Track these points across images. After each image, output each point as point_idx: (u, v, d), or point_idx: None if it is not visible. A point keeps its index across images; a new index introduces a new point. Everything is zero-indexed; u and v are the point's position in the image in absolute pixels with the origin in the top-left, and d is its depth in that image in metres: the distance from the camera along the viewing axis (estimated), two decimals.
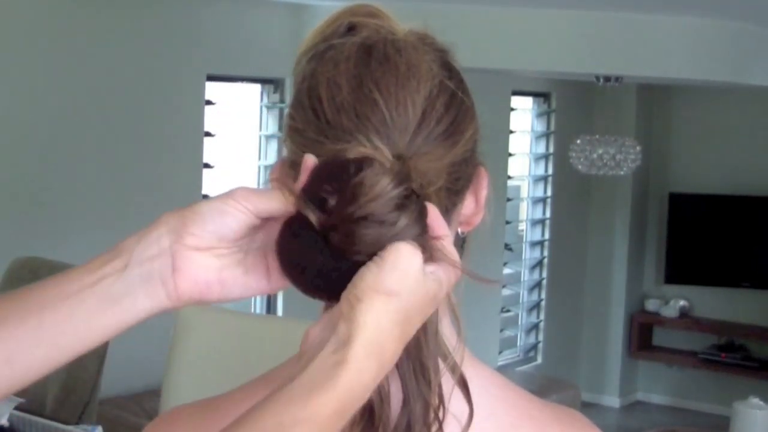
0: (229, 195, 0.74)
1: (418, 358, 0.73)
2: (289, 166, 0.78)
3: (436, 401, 0.74)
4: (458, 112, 0.79)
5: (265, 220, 0.75)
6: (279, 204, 0.73)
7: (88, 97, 4.00)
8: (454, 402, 0.75)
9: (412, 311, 0.68)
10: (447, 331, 0.79)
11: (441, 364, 0.75)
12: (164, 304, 0.75)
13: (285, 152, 0.80)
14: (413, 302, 0.68)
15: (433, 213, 0.72)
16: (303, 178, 0.72)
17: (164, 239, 0.73)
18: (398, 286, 0.67)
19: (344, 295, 0.68)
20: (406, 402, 0.73)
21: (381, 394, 0.72)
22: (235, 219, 0.73)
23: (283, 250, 0.72)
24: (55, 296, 0.72)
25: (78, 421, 3.00)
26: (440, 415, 0.74)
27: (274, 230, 0.73)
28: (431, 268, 0.71)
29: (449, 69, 0.80)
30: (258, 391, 0.82)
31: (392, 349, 0.67)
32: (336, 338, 0.66)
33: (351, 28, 0.81)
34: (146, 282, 0.73)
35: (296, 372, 0.66)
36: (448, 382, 0.76)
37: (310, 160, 0.73)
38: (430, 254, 0.71)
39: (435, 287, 0.70)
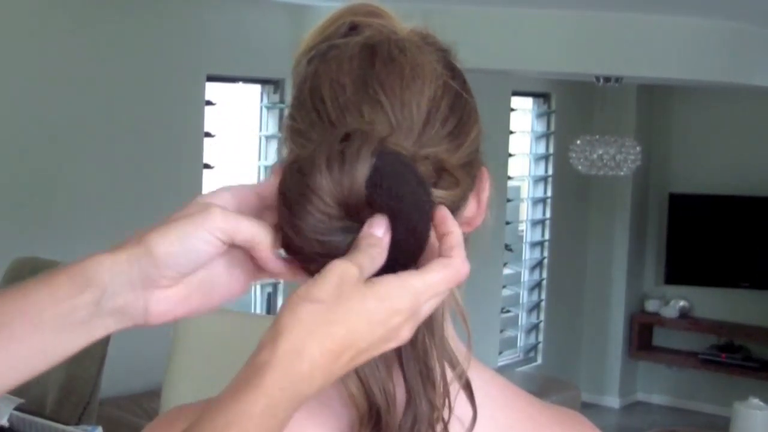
0: (202, 224, 0.71)
1: (424, 361, 0.73)
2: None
3: (441, 403, 0.74)
4: (463, 113, 0.78)
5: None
6: (254, 237, 0.72)
7: (88, 98, 4.00)
8: (458, 403, 0.75)
9: (347, 318, 0.67)
10: (451, 333, 0.79)
11: (447, 372, 0.75)
12: (131, 328, 0.76)
13: (284, 153, 0.80)
14: (346, 309, 0.67)
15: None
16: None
17: (137, 284, 0.72)
18: (326, 294, 0.67)
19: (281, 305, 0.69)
20: (410, 403, 0.73)
21: (387, 397, 0.72)
22: (207, 253, 0.72)
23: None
24: (20, 329, 0.72)
25: (78, 422, 3.00)
26: (445, 416, 0.74)
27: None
28: (398, 277, 0.69)
29: (452, 69, 0.80)
30: None
31: (319, 353, 0.66)
32: (263, 342, 0.67)
33: (353, 28, 0.80)
34: (119, 316, 0.73)
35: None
36: (451, 385, 0.75)
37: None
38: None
39: (379, 296, 0.68)
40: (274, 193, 0.72)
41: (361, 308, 0.67)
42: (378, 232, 0.70)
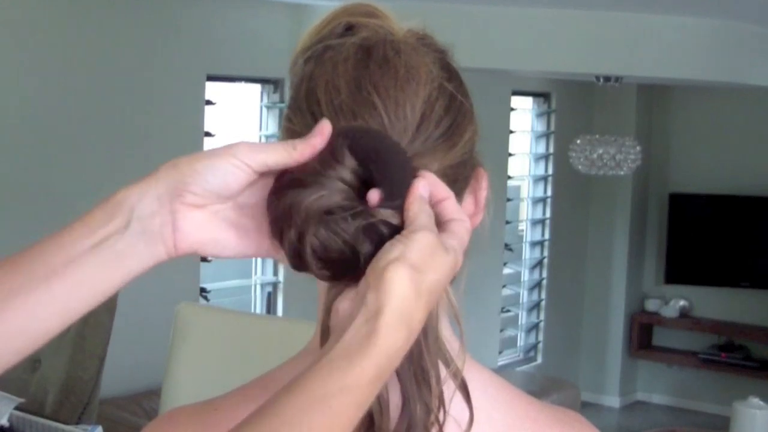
0: (230, 152, 0.73)
1: (419, 363, 0.73)
2: None
3: (437, 405, 0.73)
4: (457, 114, 0.78)
5: (261, 176, 0.75)
6: (283, 156, 0.73)
7: (88, 97, 4.00)
8: (454, 405, 0.75)
9: (434, 282, 0.69)
10: (447, 333, 0.78)
11: (442, 371, 0.75)
12: (162, 258, 0.76)
13: None
14: (435, 274, 0.69)
15: (430, 179, 0.73)
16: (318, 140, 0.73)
17: (164, 198, 0.74)
18: (421, 260, 0.68)
19: (370, 268, 0.69)
20: (405, 406, 0.73)
21: (380, 402, 0.72)
22: (235, 177, 0.73)
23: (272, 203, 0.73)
24: (60, 263, 0.73)
25: (78, 421, 3.00)
26: (440, 418, 0.73)
27: (268, 187, 0.74)
28: (444, 238, 0.72)
29: (448, 70, 0.80)
30: (257, 392, 0.81)
31: (418, 318, 0.69)
32: (366, 309, 0.67)
33: (349, 28, 0.80)
34: (148, 239, 0.74)
35: (330, 345, 0.68)
36: (448, 385, 0.75)
37: (327, 126, 0.73)
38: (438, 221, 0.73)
39: (451, 258, 0.71)
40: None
41: (444, 279, 0.70)
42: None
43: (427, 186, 0.73)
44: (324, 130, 0.73)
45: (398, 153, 0.73)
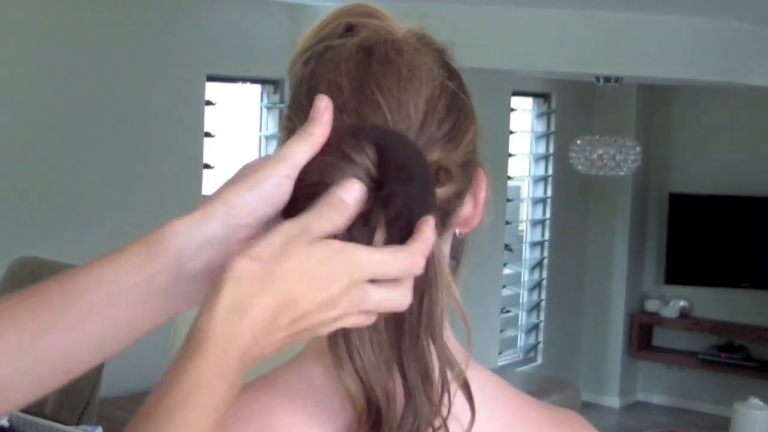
0: (266, 173, 0.71)
1: (423, 360, 0.73)
2: None
3: (440, 401, 0.74)
4: (460, 113, 0.79)
5: None
6: (308, 147, 0.72)
7: (88, 98, 4.00)
8: (457, 403, 0.75)
9: (287, 273, 0.67)
10: (448, 333, 0.78)
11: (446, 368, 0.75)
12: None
13: None
14: (287, 265, 0.67)
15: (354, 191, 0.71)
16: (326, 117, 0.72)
17: (215, 240, 0.71)
18: (265, 253, 0.67)
19: None
20: (410, 402, 0.73)
21: (387, 396, 0.72)
22: (279, 194, 0.72)
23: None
24: (101, 301, 0.71)
25: (78, 422, 3.00)
26: (443, 413, 0.74)
27: None
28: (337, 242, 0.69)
29: (449, 69, 0.80)
30: (257, 394, 0.81)
31: (262, 307, 0.66)
32: (203, 304, 0.67)
33: (349, 29, 0.80)
34: (201, 276, 0.72)
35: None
36: (451, 384, 0.75)
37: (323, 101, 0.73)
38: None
39: (324, 251, 0.68)
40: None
41: (301, 267, 0.67)
42: (345, 195, 0.69)
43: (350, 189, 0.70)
44: (322, 104, 0.72)
45: (423, 172, 0.72)
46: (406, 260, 0.69)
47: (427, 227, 0.70)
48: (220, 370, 0.66)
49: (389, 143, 0.71)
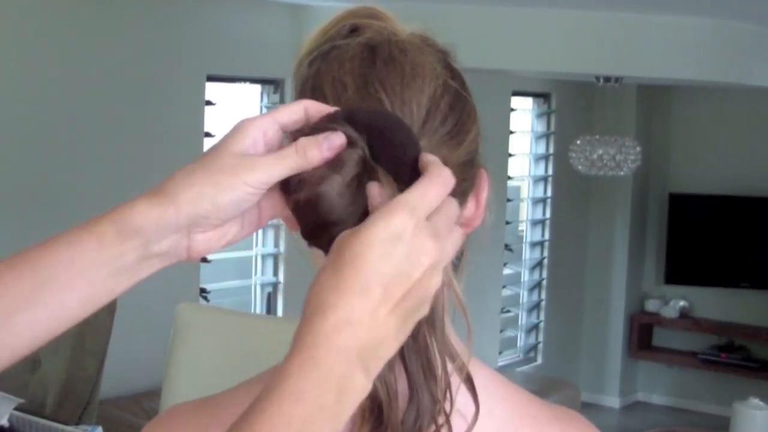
0: (243, 179, 0.73)
1: (425, 355, 0.74)
2: None
3: (443, 395, 0.74)
4: (462, 112, 0.79)
5: None
6: (295, 168, 0.73)
7: (88, 97, 4.00)
8: (459, 398, 0.76)
9: (355, 271, 0.67)
10: (449, 330, 0.79)
11: (448, 365, 0.75)
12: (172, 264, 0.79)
13: None
14: (355, 265, 0.67)
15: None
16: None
17: (183, 229, 0.75)
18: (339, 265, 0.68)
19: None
20: (413, 397, 0.73)
21: (389, 391, 0.73)
22: (249, 201, 0.74)
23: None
24: (73, 277, 0.75)
25: (78, 422, 3.00)
26: (447, 408, 0.74)
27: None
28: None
29: (452, 70, 0.81)
30: (258, 389, 0.82)
31: (366, 308, 0.67)
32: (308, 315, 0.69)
33: (353, 30, 0.81)
34: (162, 259, 0.77)
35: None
36: (453, 379, 0.76)
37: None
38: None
39: (405, 248, 0.68)
40: (295, 120, 0.75)
41: (360, 244, 0.67)
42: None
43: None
44: (338, 141, 0.72)
45: (402, 129, 0.74)
46: (439, 182, 0.70)
47: (426, 158, 0.72)
48: (339, 387, 0.66)
49: (367, 116, 0.73)
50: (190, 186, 0.74)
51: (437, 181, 0.70)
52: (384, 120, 0.73)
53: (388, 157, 0.72)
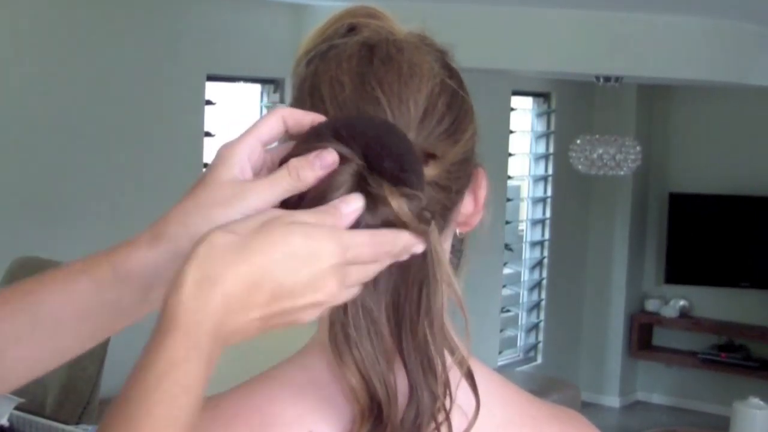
0: (239, 210, 0.71)
1: (425, 352, 0.74)
2: None
3: (443, 392, 0.74)
4: (459, 111, 0.79)
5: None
6: (289, 191, 0.72)
7: (88, 97, 4.00)
8: (459, 395, 0.76)
9: (264, 249, 0.66)
10: (449, 326, 0.79)
11: (448, 359, 0.75)
12: None
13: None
14: (263, 241, 0.66)
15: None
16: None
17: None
18: (244, 229, 0.66)
19: None
20: (413, 394, 0.73)
21: (388, 390, 0.72)
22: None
23: None
24: (70, 319, 0.74)
25: (78, 421, 3.00)
26: (447, 405, 0.74)
27: None
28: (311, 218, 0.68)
29: (449, 69, 0.81)
30: (259, 387, 0.82)
31: (233, 278, 0.65)
32: (174, 277, 0.66)
33: (351, 29, 0.81)
34: (141, 300, 0.76)
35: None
36: (453, 375, 0.76)
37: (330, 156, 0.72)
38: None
39: (301, 232, 0.67)
40: (275, 134, 0.74)
41: (283, 241, 0.66)
42: (344, 206, 0.69)
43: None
44: (330, 159, 0.71)
45: (399, 137, 0.73)
46: (388, 239, 0.70)
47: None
48: (194, 345, 0.64)
49: (359, 127, 0.72)
50: (186, 226, 0.72)
51: (387, 243, 0.70)
52: (377, 129, 0.73)
53: (389, 167, 0.71)
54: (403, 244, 0.70)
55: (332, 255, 0.67)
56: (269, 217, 0.67)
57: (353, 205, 0.69)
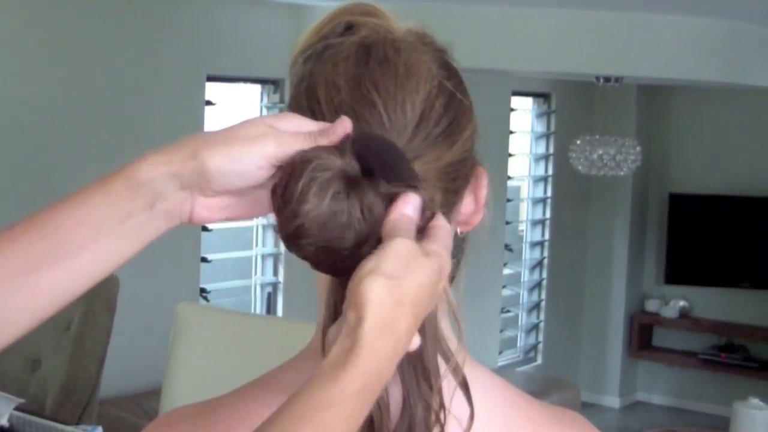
0: (257, 150, 0.73)
1: (419, 361, 0.73)
2: None
3: (438, 403, 0.73)
4: (457, 112, 0.78)
5: None
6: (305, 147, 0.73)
7: (88, 97, 4.00)
8: (455, 403, 0.75)
9: (415, 288, 0.68)
10: (447, 333, 0.78)
11: (442, 366, 0.75)
12: (175, 226, 0.79)
13: None
14: (414, 280, 0.68)
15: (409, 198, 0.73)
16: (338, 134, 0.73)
17: (187, 187, 0.75)
18: (395, 268, 0.68)
19: (348, 287, 0.69)
20: (406, 406, 0.72)
21: (380, 403, 0.71)
22: (257, 176, 0.74)
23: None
24: (88, 238, 0.76)
25: (78, 422, 3.00)
26: (442, 418, 0.73)
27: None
28: (425, 243, 0.71)
29: (448, 69, 0.80)
30: (256, 393, 0.81)
31: (404, 325, 0.68)
32: (347, 325, 0.67)
33: (349, 27, 0.80)
34: (168, 217, 0.77)
35: (319, 365, 0.68)
36: (448, 383, 0.75)
37: (347, 123, 0.73)
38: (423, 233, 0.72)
39: (434, 260, 0.70)
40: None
41: (426, 281, 0.69)
42: (407, 208, 0.71)
43: (412, 201, 0.72)
44: (345, 126, 0.73)
45: (401, 158, 0.73)
46: (445, 234, 0.73)
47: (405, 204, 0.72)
48: (367, 385, 0.67)
49: (369, 146, 0.72)
50: (204, 145, 0.75)
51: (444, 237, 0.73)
52: (375, 145, 0.73)
53: (387, 174, 0.71)
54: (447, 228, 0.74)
55: (443, 267, 0.71)
56: (409, 249, 0.70)
57: (413, 202, 0.72)
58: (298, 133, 0.73)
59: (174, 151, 0.76)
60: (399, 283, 0.67)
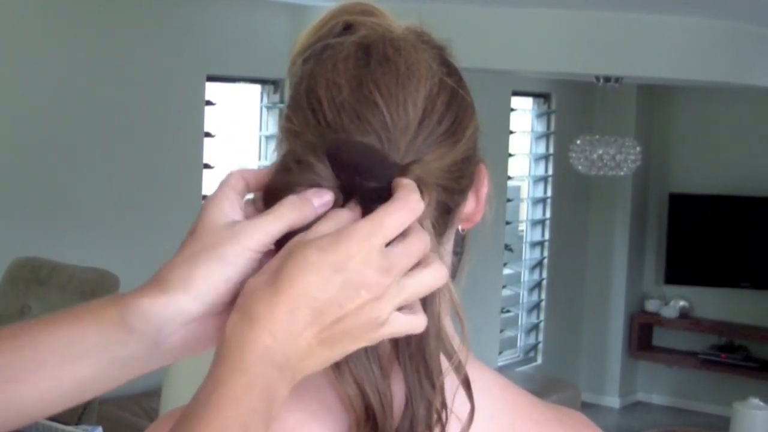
0: (246, 245, 0.70)
1: (422, 359, 0.73)
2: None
3: (440, 402, 0.73)
4: (459, 110, 0.78)
5: None
6: (291, 225, 0.72)
7: (88, 98, 4.00)
8: (457, 402, 0.74)
9: (286, 283, 0.67)
10: (449, 330, 0.78)
11: (444, 364, 0.74)
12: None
13: (278, 155, 0.79)
14: (288, 274, 0.67)
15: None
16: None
17: (199, 313, 0.72)
18: (267, 266, 0.69)
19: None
20: (408, 404, 0.72)
21: (382, 399, 0.71)
22: (253, 270, 0.71)
23: None
24: (72, 356, 0.73)
25: (78, 422, 3.00)
26: (443, 416, 0.73)
27: None
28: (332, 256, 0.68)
29: (448, 66, 0.80)
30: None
31: (264, 307, 0.67)
32: (229, 336, 0.69)
33: (347, 27, 0.80)
34: (164, 357, 0.75)
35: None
36: (451, 382, 0.75)
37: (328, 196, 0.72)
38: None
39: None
40: (241, 188, 0.74)
41: (303, 261, 0.67)
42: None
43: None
44: (325, 198, 0.71)
45: (383, 160, 0.73)
46: (402, 207, 0.69)
47: (397, 182, 0.71)
48: (248, 382, 0.66)
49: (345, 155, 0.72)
50: (196, 266, 0.71)
51: (399, 206, 0.69)
52: (360, 157, 0.73)
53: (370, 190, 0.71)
54: (417, 200, 0.70)
55: (349, 254, 0.67)
56: (289, 246, 0.68)
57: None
58: (278, 212, 0.71)
59: (169, 282, 0.71)
60: (269, 276, 0.67)
